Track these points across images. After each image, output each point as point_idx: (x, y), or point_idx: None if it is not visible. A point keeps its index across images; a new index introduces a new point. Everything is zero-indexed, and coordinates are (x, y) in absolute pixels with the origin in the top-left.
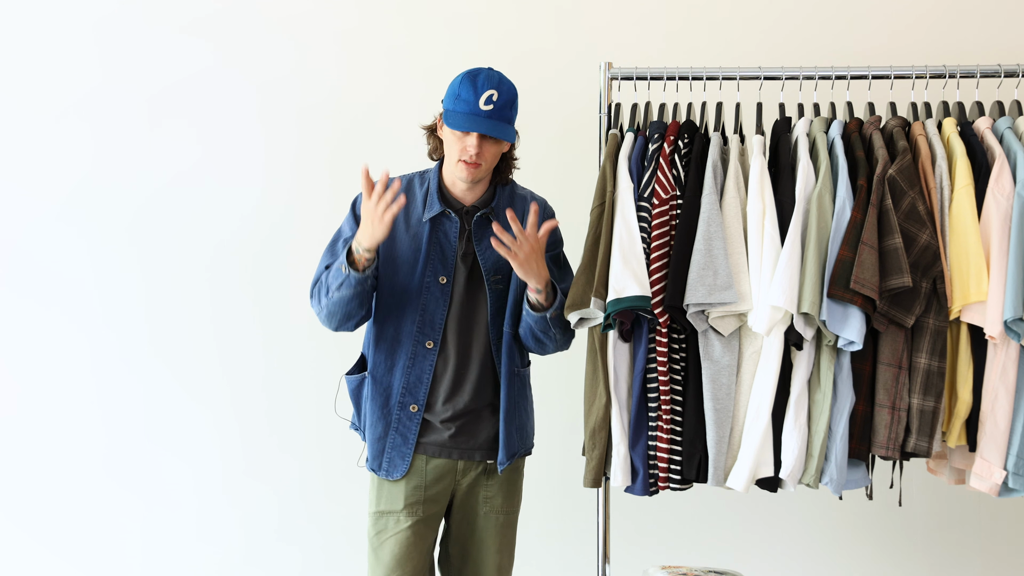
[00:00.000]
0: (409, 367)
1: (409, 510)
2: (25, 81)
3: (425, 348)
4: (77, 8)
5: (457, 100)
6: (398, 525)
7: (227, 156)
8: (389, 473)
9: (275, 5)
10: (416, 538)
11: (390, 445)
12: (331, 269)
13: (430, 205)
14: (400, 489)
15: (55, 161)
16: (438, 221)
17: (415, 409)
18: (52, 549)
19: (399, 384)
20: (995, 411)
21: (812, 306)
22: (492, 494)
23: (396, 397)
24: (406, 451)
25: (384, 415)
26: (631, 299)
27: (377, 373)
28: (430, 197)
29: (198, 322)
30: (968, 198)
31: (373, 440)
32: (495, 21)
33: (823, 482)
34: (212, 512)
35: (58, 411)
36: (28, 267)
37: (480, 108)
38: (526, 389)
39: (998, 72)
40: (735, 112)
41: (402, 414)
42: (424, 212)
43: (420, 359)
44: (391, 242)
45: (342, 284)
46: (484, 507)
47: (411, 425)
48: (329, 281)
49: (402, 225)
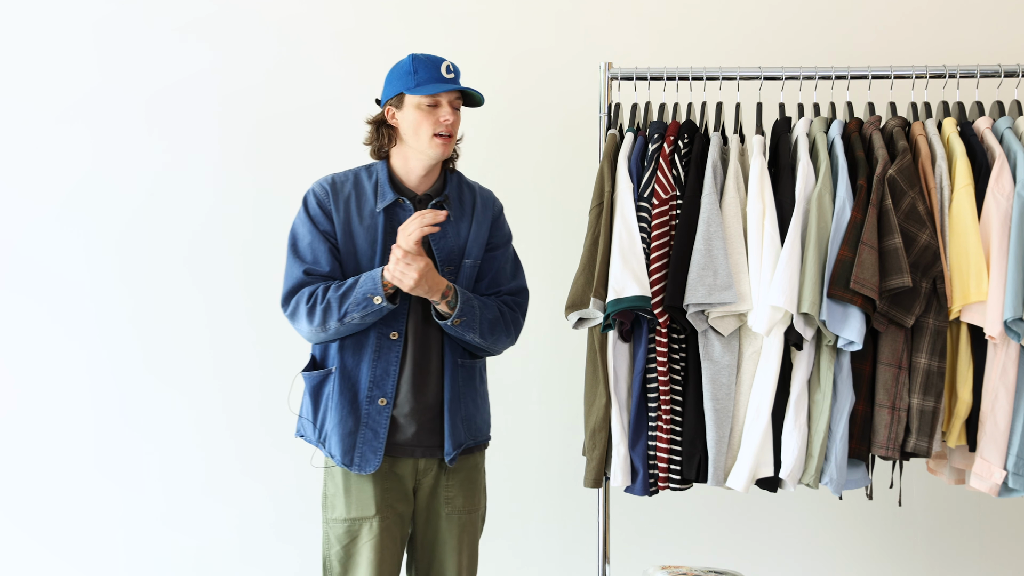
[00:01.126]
0: (375, 360)
1: (382, 514)
2: (23, 83)
3: (390, 340)
4: (76, 10)
5: (415, 75)
6: (372, 531)
7: (226, 157)
8: (361, 467)
9: (273, 6)
10: (389, 541)
11: (361, 440)
12: (349, 296)
13: (382, 195)
14: (370, 493)
15: (53, 162)
16: (392, 211)
17: (384, 403)
18: (46, 548)
19: (366, 378)
20: (995, 411)
21: (812, 306)
22: (453, 494)
23: (364, 391)
24: (377, 446)
25: (353, 410)
26: (631, 299)
27: (343, 368)
28: (381, 187)
29: (193, 322)
30: (968, 198)
31: (342, 436)
32: (494, 21)
33: (823, 482)
34: (208, 511)
35: (52, 410)
36: (26, 268)
37: (444, 76)
38: (474, 381)
39: (998, 72)
40: (735, 112)
41: (371, 408)
42: (376, 203)
43: (386, 351)
44: (348, 237)
45: (370, 314)
46: (446, 508)
47: (381, 420)
48: (348, 308)
49: (356, 217)
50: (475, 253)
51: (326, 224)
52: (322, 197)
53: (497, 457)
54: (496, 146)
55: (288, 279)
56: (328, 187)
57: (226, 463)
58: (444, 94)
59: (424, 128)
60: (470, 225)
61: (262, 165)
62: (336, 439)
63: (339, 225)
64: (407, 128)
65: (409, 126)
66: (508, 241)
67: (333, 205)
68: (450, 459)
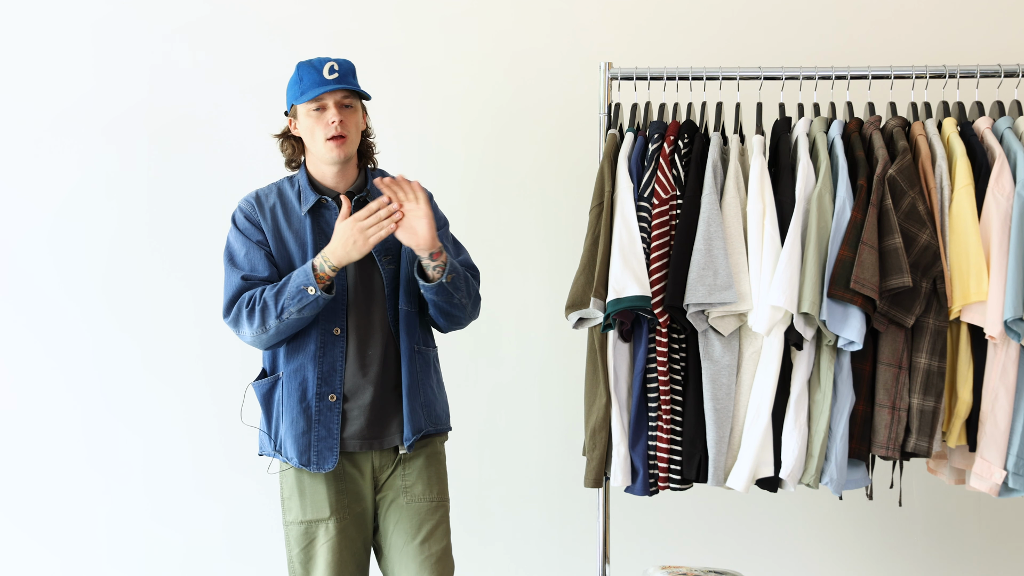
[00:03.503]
0: (321, 357)
1: (338, 515)
2: (22, 83)
3: (333, 336)
4: (73, 11)
5: (300, 83)
6: (328, 532)
7: (224, 158)
8: (320, 466)
9: (270, 7)
10: (347, 542)
11: (316, 438)
12: (284, 292)
13: (305, 199)
14: (324, 495)
15: (52, 163)
16: (317, 212)
17: (333, 399)
18: (41, 546)
19: (313, 376)
20: (995, 411)
21: (812, 306)
22: (411, 483)
23: (313, 389)
24: (332, 443)
25: (304, 411)
26: (631, 299)
27: (289, 370)
28: (303, 192)
29: (191, 321)
30: (968, 198)
31: (295, 437)
32: (494, 21)
33: (823, 482)
34: (204, 510)
35: (47, 409)
36: (24, 268)
37: (327, 78)
38: (430, 369)
39: (998, 72)
40: (735, 112)
41: (321, 405)
42: (301, 206)
43: (330, 347)
44: (279, 243)
45: (306, 306)
46: (404, 497)
47: (332, 416)
48: (284, 303)
49: (284, 223)
50: None
51: (257, 235)
52: (248, 211)
53: (497, 457)
54: (495, 146)
55: (228, 289)
56: (253, 201)
57: (215, 459)
58: (329, 95)
59: (317, 133)
60: None
61: (262, 165)
62: (291, 441)
63: (269, 233)
64: (305, 136)
65: (305, 133)
66: (444, 225)
67: (260, 216)
68: (409, 444)
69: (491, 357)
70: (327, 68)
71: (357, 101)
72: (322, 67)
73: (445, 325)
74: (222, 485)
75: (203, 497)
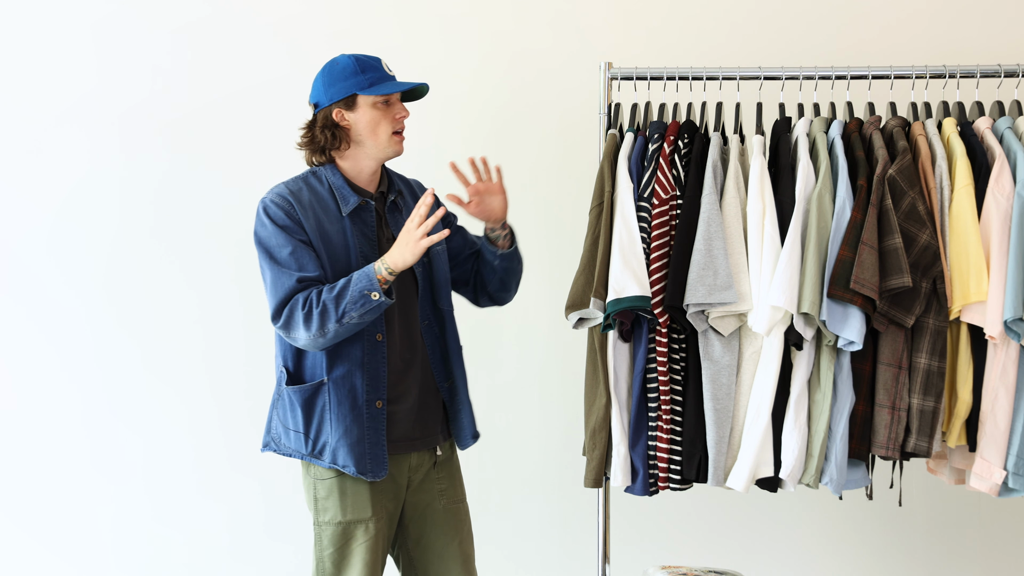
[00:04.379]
0: (367, 363)
1: (377, 515)
2: (21, 84)
3: (376, 341)
4: (74, 11)
5: (360, 75)
6: (367, 533)
7: (223, 159)
8: (375, 474)
9: (269, 7)
10: (383, 542)
11: (370, 445)
12: (345, 296)
13: (344, 199)
14: (366, 496)
15: (52, 164)
16: (356, 214)
17: (380, 405)
18: (42, 546)
19: (362, 383)
20: (995, 411)
21: (812, 306)
22: (445, 486)
23: (363, 396)
24: (382, 449)
25: (356, 418)
26: (631, 299)
27: (336, 376)
28: (339, 192)
29: (191, 321)
30: (968, 198)
31: (350, 445)
32: (494, 21)
33: (823, 482)
34: (202, 509)
35: (47, 410)
36: (24, 269)
37: (389, 74)
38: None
39: (998, 72)
40: (735, 112)
41: (371, 412)
42: (340, 208)
43: (374, 352)
44: (321, 243)
45: (369, 311)
46: (441, 500)
47: (381, 422)
48: (345, 307)
49: (325, 222)
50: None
51: (300, 233)
52: (286, 207)
53: (497, 457)
54: (495, 146)
55: (277, 291)
56: (287, 196)
57: (218, 460)
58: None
59: (383, 126)
60: None
61: (261, 166)
62: (345, 449)
63: (311, 232)
64: (363, 128)
65: (366, 126)
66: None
67: (300, 213)
68: (466, 447)
69: (491, 357)
70: (385, 65)
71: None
72: (380, 63)
73: (501, 296)
74: (223, 485)
75: (204, 497)
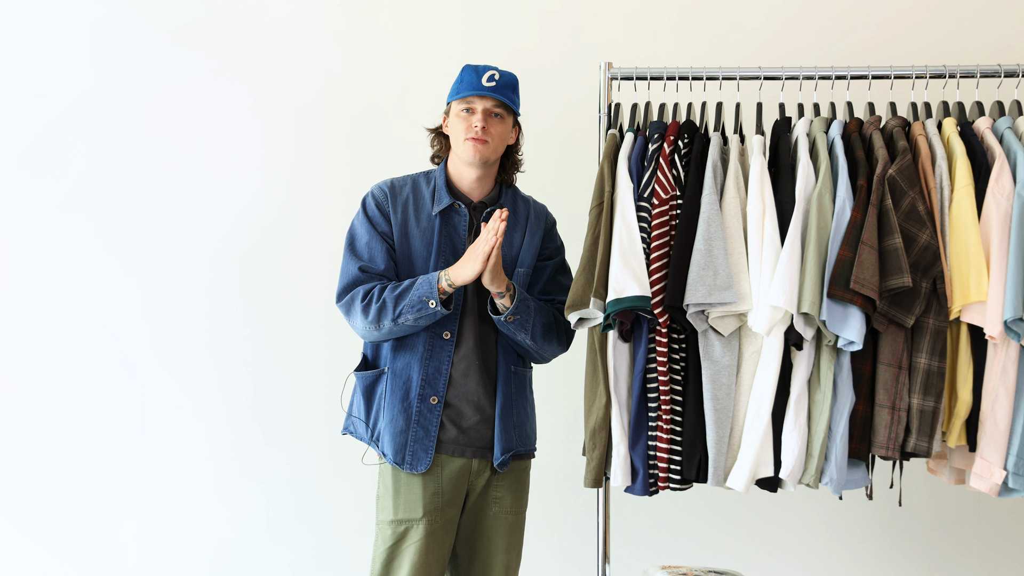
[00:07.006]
0: (427, 359)
1: (429, 517)
2: (21, 85)
3: (442, 339)
4: (72, 12)
5: (460, 84)
6: (417, 534)
7: (222, 159)
8: (413, 466)
9: (265, 9)
10: (435, 545)
11: (412, 439)
12: (405, 297)
13: (439, 199)
14: (418, 496)
15: (51, 164)
16: (447, 215)
17: (435, 401)
18: (46, 546)
19: (418, 377)
20: (995, 411)
21: (812, 306)
22: (502, 495)
23: (416, 390)
24: (428, 444)
25: (404, 409)
26: (631, 299)
27: (396, 367)
28: (438, 192)
29: (191, 321)
30: (968, 198)
31: (393, 435)
32: (493, 20)
33: (823, 482)
34: (203, 510)
35: (53, 410)
36: (24, 270)
37: (483, 84)
38: (525, 390)
39: (998, 72)
40: (735, 112)
41: (423, 407)
42: (433, 206)
43: (438, 350)
44: (404, 239)
45: (424, 317)
46: (494, 507)
47: (432, 418)
48: (403, 309)
49: (413, 220)
50: (527, 263)
51: (384, 225)
52: (380, 199)
53: None
54: None
55: (344, 275)
56: (387, 189)
57: (222, 462)
58: (479, 99)
59: (459, 133)
60: (523, 236)
61: (260, 166)
62: (388, 438)
63: (396, 227)
64: (452, 133)
65: (452, 132)
66: (560, 252)
67: (391, 207)
68: (499, 463)
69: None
70: (487, 76)
71: (508, 114)
72: (483, 73)
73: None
74: (233, 488)
75: (214, 501)
